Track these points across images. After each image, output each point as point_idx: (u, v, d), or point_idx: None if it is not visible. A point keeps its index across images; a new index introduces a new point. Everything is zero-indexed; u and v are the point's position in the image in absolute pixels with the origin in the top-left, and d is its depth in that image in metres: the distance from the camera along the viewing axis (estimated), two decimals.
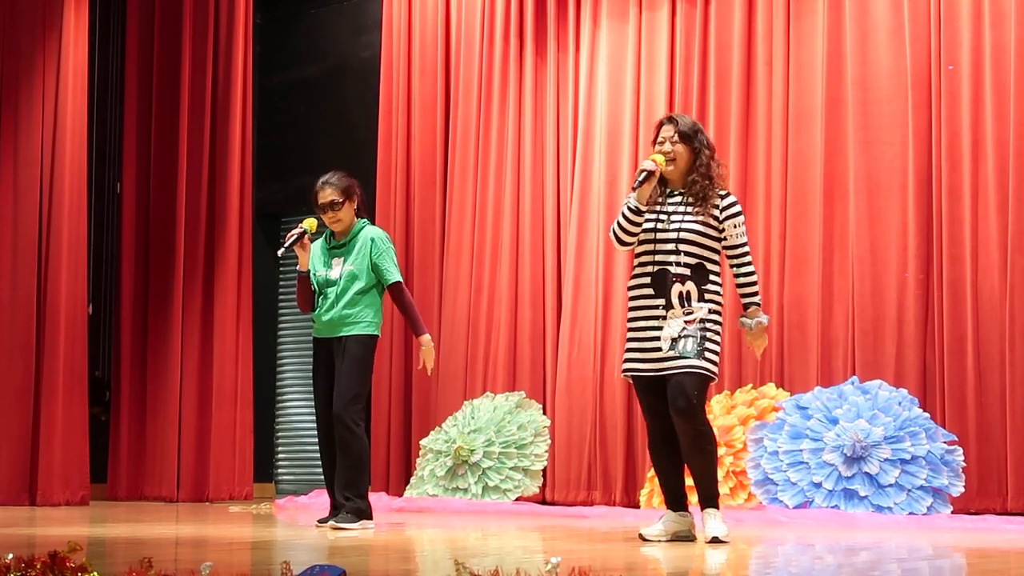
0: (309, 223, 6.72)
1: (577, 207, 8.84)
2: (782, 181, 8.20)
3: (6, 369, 8.66)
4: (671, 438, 5.53)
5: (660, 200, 5.58)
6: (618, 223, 5.58)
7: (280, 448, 10.81)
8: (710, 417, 7.76)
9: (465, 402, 8.96)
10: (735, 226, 5.53)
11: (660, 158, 5.60)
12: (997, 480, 7.36)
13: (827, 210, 8.02)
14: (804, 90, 8.20)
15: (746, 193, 8.21)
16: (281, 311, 10.95)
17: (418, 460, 8.99)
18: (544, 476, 8.70)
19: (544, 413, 8.80)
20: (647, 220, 5.55)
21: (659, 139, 5.65)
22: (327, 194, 6.61)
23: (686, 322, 5.40)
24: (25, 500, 8.67)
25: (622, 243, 5.60)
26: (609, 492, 8.48)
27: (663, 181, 5.62)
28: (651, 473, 8.09)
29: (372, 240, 6.57)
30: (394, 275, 6.56)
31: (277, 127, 10.76)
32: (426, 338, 6.59)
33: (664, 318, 5.44)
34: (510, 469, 8.57)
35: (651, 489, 8.01)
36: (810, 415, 7.58)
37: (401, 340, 9.51)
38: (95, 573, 3.49)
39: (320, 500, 8.70)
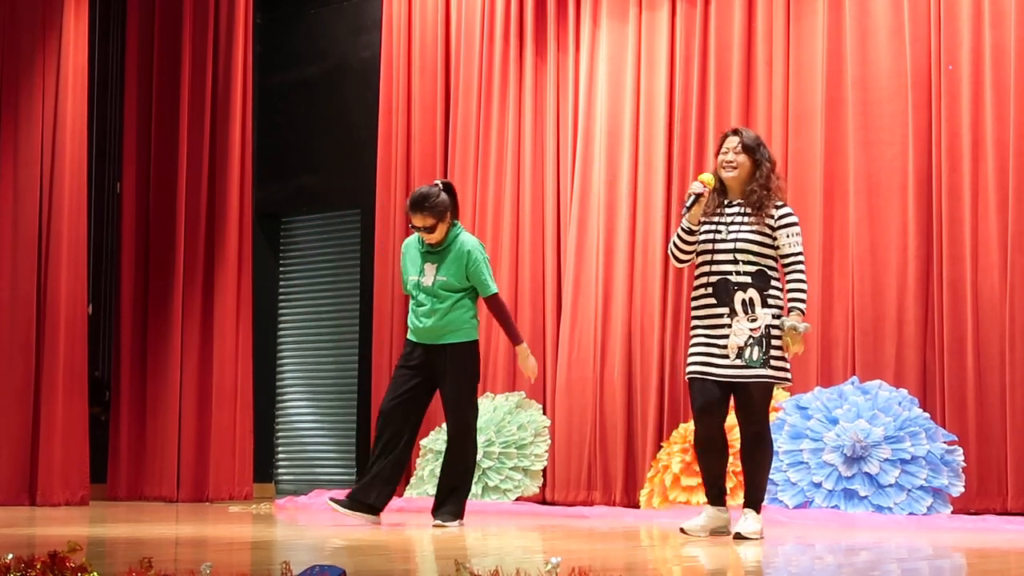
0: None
1: (577, 207, 8.84)
2: None
3: (6, 369, 8.65)
4: (717, 439, 5.76)
5: (719, 211, 5.75)
6: (674, 243, 5.80)
7: (280, 448, 10.82)
8: None
9: None
10: (788, 236, 5.70)
11: (708, 177, 5.78)
12: (997, 480, 7.36)
13: (827, 210, 8.02)
14: (804, 90, 8.20)
15: None
16: (281, 311, 10.95)
17: (418, 460, 8.99)
18: (544, 476, 8.70)
19: (544, 413, 8.80)
20: (705, 231, 5.73)
21: (723, 150, 5.82)
22: (419, 220, 6.59)
23: (751, 330, 5.58)
24: (25, 500, 8.66)
25: (679, 261, 5.83)
26: (609, 492, 8.48)
27: (723, 191, 5.80)
28: (651, 473, 8.10)
29: (468, 252, 6.60)
30: (491, 287, 6.64)
31: (277, 127, 10.76)
32: (522, 347, 6.70)
33: (729, 326, 5.62)
34: (510, 469, 8.57)
35: (651, 489, 8.01)
36: (810, 415, 7.58)
37: (401, 341, 9.50)
38: (95, 573, 3.49)
39: (320, 500, 8.69)
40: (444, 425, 8.89)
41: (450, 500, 6.66)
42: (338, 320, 10.66)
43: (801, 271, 5.71)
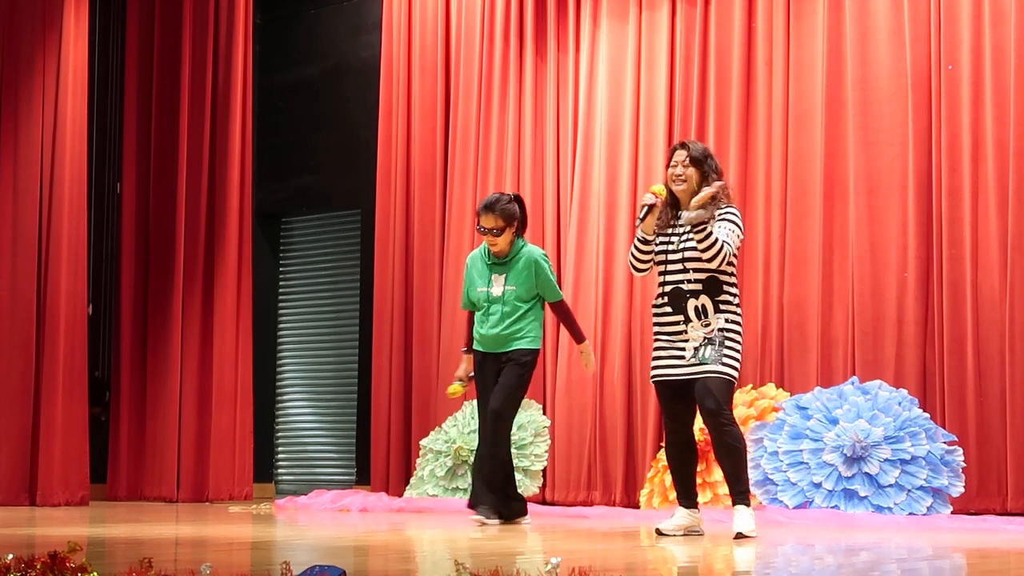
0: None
1: (577, 207, 8.84)
2: (782, 181, 8.20)
3: (6, 369, 8.65)
4: (687, 442, 5.99)
5: (672, 223, 5.92)
6: (631, 253, 5.96)
7: (280, 448, 10.82)
8: None
9: (465, 402, 8.95)
10: (719, 228, 5.79)
11: (659, 188, 5.94)
12: (997, 480, 7.36)
13: (827, 210, 8.01)
14: (804, 90, 8.20)
15: (746, 193, 8.21)
16: (281, 311, 10.95)
17: (418, 460, 8.99)
18: (544, 476, 8.69)
19: (544, 413, 8.80)
20: (659, 243, 5.90)
21: (672, 163, 5.97)
22: (489, 221, 6.82)
23: (706, 335, 5.76)
24: (25, 500, 8.67)
25: (637, 270, 6.00)
26: (609, 492, 8.47)
27: (675, 204, 5.94)
28: (651, 473, 8.10)
29: (536, 262, 6.85)
30: (559, 293, 6.95)
31: (277, 127, 10.76)
32: (586, 344, 7.01)
33: (685, 332, 5.81)
34: None
35: (651, 489, 8.01)
36: (810, 415, 7.58)
37: (401, 341, 9.51)
38: (95, 573, 3.49)
39: (319, 500, 8.69)
40: (443, 425, 8.92)
41: (489, 496, 6.81)
42: (338, 320, 10.66)
43: (718, 245, 5.69)
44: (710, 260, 5.73)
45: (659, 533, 5.86)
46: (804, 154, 8.16)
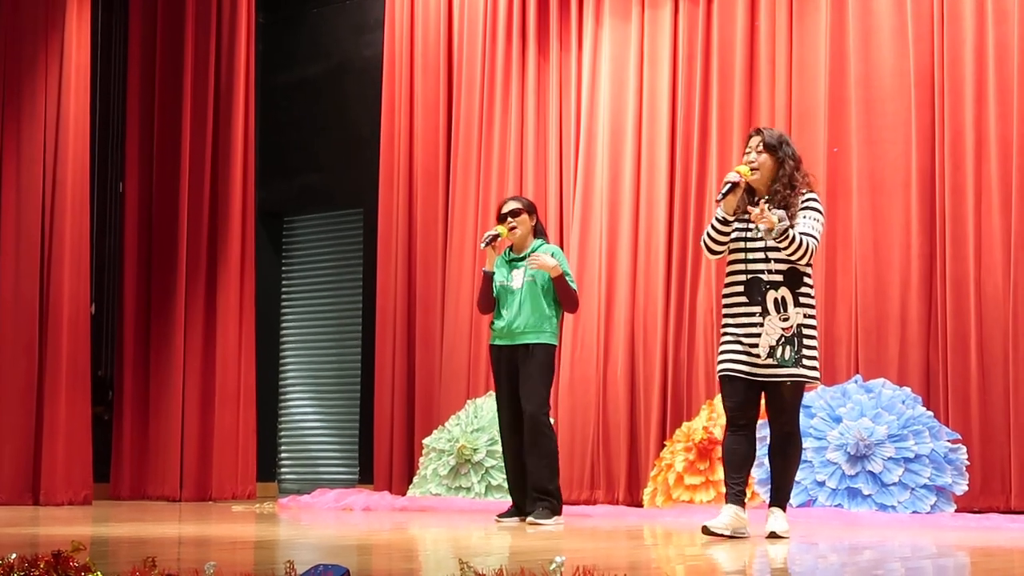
0: (500, 229, 7.10)
1: (580, 206, 8.84)
2: None
3: (9, 368, 8.66)
4: (747, 437, 5.73)
5: (748, 210, 5.67)
6: (708, 234, 5.74)
7: (283, 447, 10.82)
8: (713, 416, 7.79)
9: (468, 401, 8.95)
10: (804, 216, 5.64)
11: (744, 169, 5.72)
12: (1000, 478, 7.36)
13: (830, 209, 7.99)
14: (807, 89, 8.19)
15: None
16: (284, 310, 10.95)
17: (421, 459, 8.98)
18: None
19: None
20: (736, 229, 5.69)
21: (746, 150, 5.80)
22: (510, 204, 7.14)
23: (783, 329, 5.56)
24: (28, 499, 8.67)
25: (713, 252, 5.78)
26: (612, 491, 8.47)
27: (750, 191, 5.75)
28: (654, 472, 8.09)
29: (552, 253, 7.00)
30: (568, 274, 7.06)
31: (280, 126, 10.76)
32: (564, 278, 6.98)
33: (761, 324, 5.58)
34: None
35: (654, 488, 8.00)
36: (813, 414, 7.57)
37: (403, 339, 9.51)
38: (98, 573, 3.49)
39: (323, 499, 8.69)
40: (446, 423, 8.91)
41: (544, 497, 6.87)
42: (341, 319, 10.67)
43: (802, 241, 5.53)
44: (797, 260, 5.56)
45: (706, 531, 5.57)
46: (807, 152, 8.11)
